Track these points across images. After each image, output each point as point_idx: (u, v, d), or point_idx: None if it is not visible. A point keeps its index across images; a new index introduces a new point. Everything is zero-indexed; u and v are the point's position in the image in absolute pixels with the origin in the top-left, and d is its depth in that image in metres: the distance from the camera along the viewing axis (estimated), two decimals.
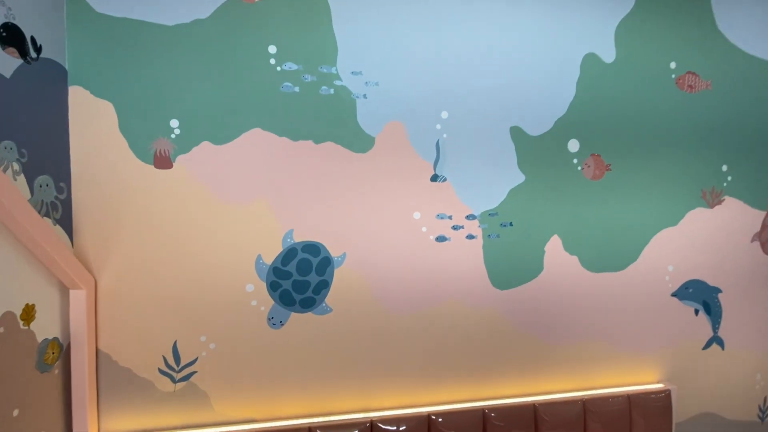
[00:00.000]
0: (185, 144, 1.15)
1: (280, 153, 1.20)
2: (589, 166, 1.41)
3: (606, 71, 1.40)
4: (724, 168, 1.53)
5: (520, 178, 1.36)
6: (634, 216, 1.45)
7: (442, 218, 1.31)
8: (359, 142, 1.24)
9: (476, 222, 1.34)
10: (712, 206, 1.52)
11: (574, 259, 1.41)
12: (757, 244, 1.58)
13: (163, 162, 1.14)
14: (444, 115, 1.30)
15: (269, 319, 1.21)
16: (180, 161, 1.15)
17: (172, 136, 1.14)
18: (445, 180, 1.31)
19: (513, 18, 1.33)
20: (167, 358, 1.17)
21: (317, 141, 1.22)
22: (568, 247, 1.41)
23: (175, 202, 1.15)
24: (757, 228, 1.58)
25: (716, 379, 1.58)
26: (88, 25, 1.08)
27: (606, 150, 1.42)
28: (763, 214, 1.58)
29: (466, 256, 1.33)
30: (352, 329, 1.27)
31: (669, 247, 1.49)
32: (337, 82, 1.23)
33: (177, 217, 1.15)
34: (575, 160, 1.40)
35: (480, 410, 1.29)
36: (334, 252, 1.24)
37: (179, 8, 1.13)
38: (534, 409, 1.32)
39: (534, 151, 1.37)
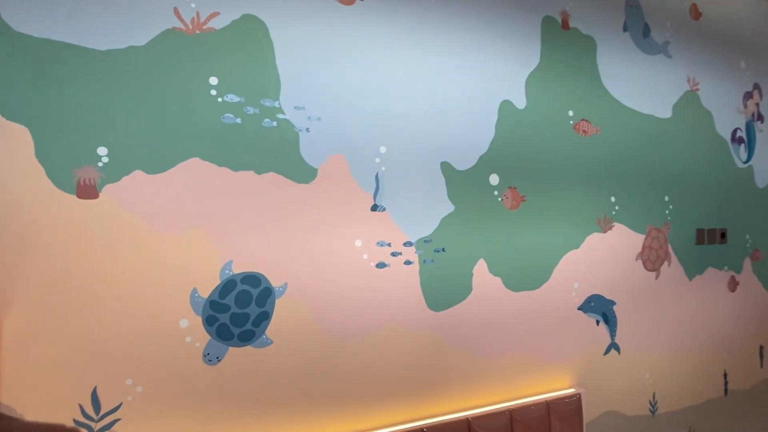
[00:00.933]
0: (114, 173, 1.09)
1: (219, 183, 1.19)
2: (507, 198, 1.60)
3: (519, 116, 1.63)
4: (613, 199, 1.83)
5: (450, 208, 1.50)
6: (545, 240, 1.66)
7: (382, 245, 1.39)
8: (302, 173, 1.28)
9: (413, 248, 1.43)
10: (605, 231, 1.81)
11: (498, 280, 1.57)
12: (639, 262, 1.90)
13: (87, 192, 1.06)
14: (383, 150, 1.39)
15: (205, 355, 1.16)
16: (108, 191, 1.08)
17: (100, 164, 1.07)
18: (384, 210, 1.39)
19: (442, 66, 1.49)
20: (84, 407, 1.05)
21: (259, 171, 1.23)
22: (493, 270, 1.56)
23: (100, 234, 1.07)
24: (639, 249, 1.90)
25: (615, 381, 1.83)
26: (3, 45, 1.00)
27: (521, 183, 1.62)
28: (642, 237, 1.91)
29: (405, 281, 1.42)
30: (294, 359, 1.26)
31: (574, 267, 1.72)
32: (280, 116, 1.26)
33: (102, 250, 1.07)
34: (496, 192, 1.58)
35: (419, 429, 1.35)
36: (275, 282, 1.24)
37: (112, 33, 1.10)
38: (468, 423, 1.42)
39: (461, 184, 1.52)
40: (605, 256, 1.80)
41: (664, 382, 1.99)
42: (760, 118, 2.42)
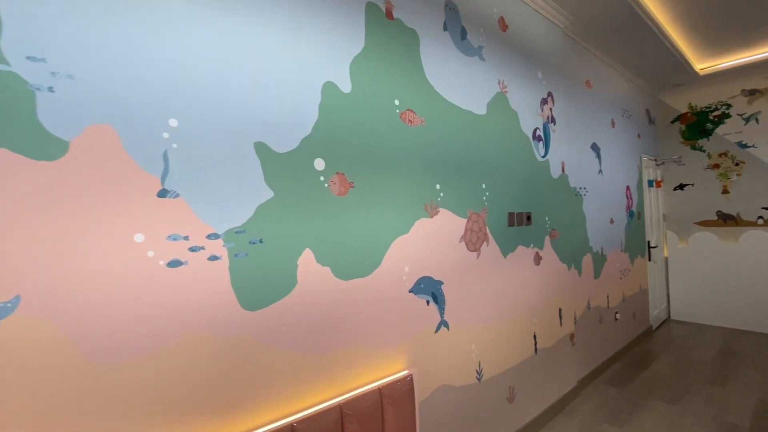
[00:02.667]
0: None
1: None
2: (335, 183, 1.53)
3: (344, 100, 1.57)
4: (438, 186, 1.94)
5: (269, 194, 1.35)
6: (375, 226, 1.66)
7: (175, 239, 1.15)
8: (42, 147, 0.96)
9: (220, 241, 1.23)
10: (432, 216, 1.90)
11: (327, 269, 1.49)
12: (463, 244, 2.07)
13: None
14: (173, 123, 1.16)
15: None
16: None
17: None
18: (177, 196, 1.16)
19: (255, 34, 1.33)
20: None
21: None
22: (320, 259, 1.47)
23: None
24: (462, 232, 2.07)
25: (446, 356, 1.96)
26: None
27: (349, 169, 1.58)
28: (465, 221, 2.09)
29: (209, 280, 1.21)
30: (34, 398, 0.93)
31: (404, 251, 1.77)
32: (2, 67, 0.92)
33: None
34: (322, 178, 1.49)
35: None
36: None
37: None
38: (291, 429, 1.29)
39: (281, 167, 1.38)
40: (432, 239, 1.90)
41: (488, 350, 2.23)
42: (554, 120, 2.94)
